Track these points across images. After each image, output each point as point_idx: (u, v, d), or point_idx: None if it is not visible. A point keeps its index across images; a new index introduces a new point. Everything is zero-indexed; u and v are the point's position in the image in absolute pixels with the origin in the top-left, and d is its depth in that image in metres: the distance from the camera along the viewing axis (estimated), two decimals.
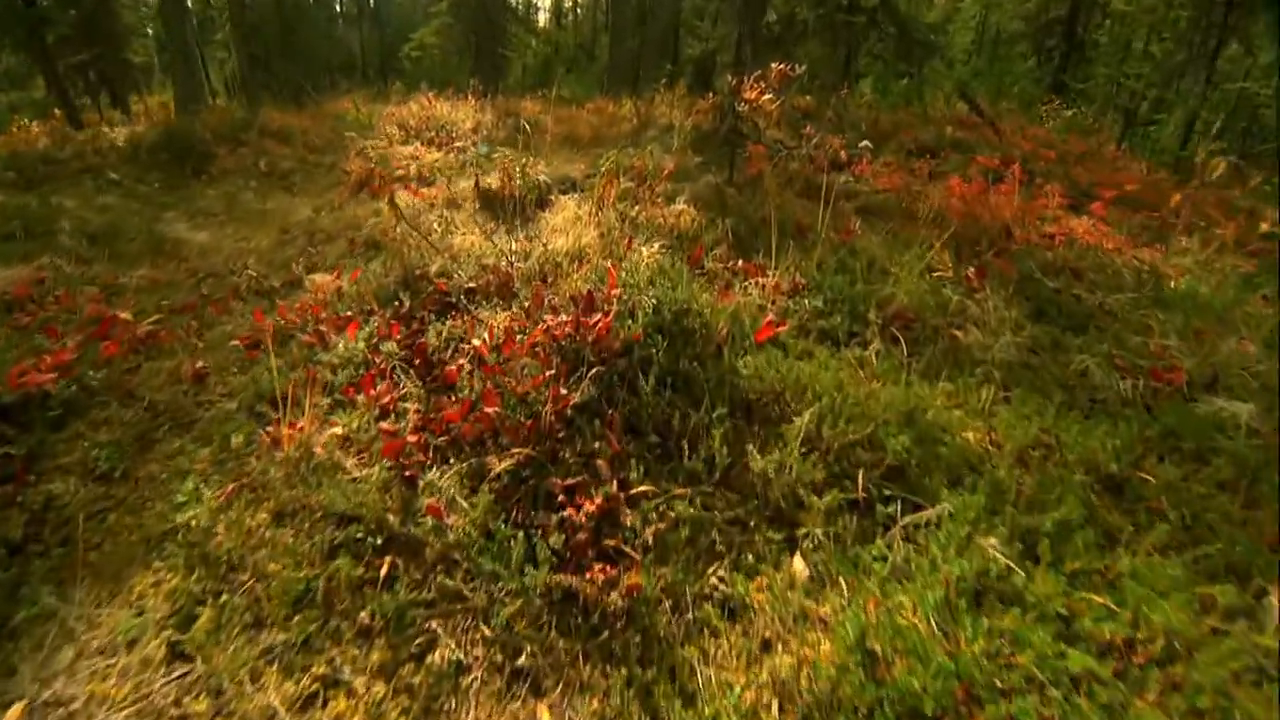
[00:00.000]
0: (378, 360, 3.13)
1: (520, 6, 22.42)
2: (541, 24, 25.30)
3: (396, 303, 3.72)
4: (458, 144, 8.49)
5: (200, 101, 14.56)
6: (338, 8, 24.34)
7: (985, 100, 12.43)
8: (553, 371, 2.60)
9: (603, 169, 5.32)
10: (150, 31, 19.84)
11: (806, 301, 3.86)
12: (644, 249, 3.84)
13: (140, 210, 7.76)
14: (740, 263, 4.50)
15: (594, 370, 2.57)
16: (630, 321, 2.86)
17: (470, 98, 10.17)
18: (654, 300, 2.92)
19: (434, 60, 16.61)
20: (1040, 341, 4.12)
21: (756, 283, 4.14)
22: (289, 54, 15.99)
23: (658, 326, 2.88)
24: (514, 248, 4.32)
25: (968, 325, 4.12)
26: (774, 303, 3.88)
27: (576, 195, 6.26)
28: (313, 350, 3.55)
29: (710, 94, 9.29)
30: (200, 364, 3.92)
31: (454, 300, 3.81)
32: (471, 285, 3.93)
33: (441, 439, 2.50)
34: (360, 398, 2.88)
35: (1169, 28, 14.60)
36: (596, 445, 2.41)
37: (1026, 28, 21.41)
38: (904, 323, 3.88)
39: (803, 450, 2.55)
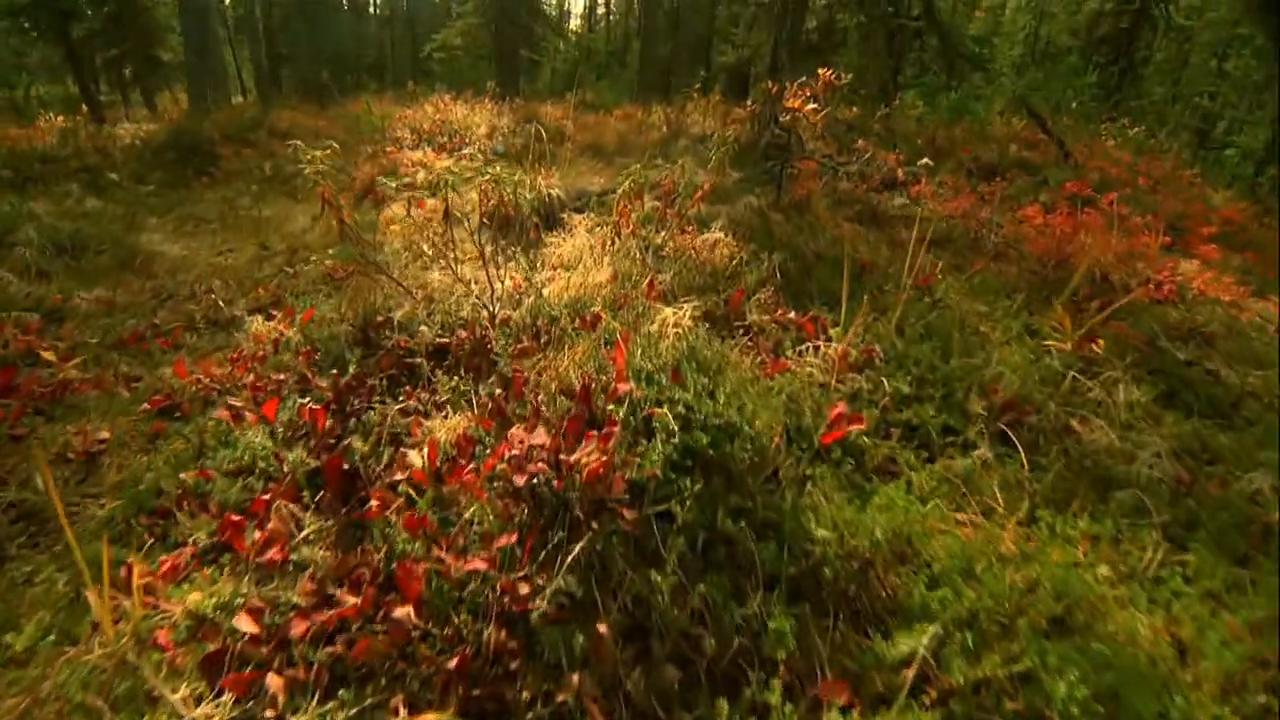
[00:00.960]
0: (284, 469, 2.16)
1: (552, 10, 21.55)
2: (573, 28, 24.38)
3: (336, 371, 2.75)
4: (468, 150, 7.57)
5: (219, 99, 13.88)
6: (372, 9, 23.72)
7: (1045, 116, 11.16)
8: (514, 537, 1.60)
9: (623, 185, 4.32)
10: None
11: (885, 381, 2.81)
12: (670, 312, 2.82)
13: (124, 216, 6.93)
14: (792, 313, 3.46)
15: (579, 545, 1.57)
16: (644, 444, 1.85)
17: (488, 101, 9.23)
18: (682, 410, 1.91)
19: (462, 62, 15.76)
20: (1186, 442, 3.02)
21: (814, 347, 3.10)
22: (315, 54, 15.25)
23: (686, 450, 1.86)
24: (504, 287, 3.34)
25: (1089, 416, 3.03)
26: (841, 381, 2.84)
27: (593, 214, 5.28)
28: (223, 431, 2.61)
29: (748, 102, 8.24)
30: (102, 435, 3.00)
31: (416, 363, 2.84)
32: (443, 341, 2.96)
33: (327, 650, 1.51)
34: (249, 537, 1.91)
35: (1244, 43, 13.15)
36: (574, 682, 1.41)
37: (1077, 41, 19.93)
38: (1015, 416, 2.81)
39: (915, 683, 1.53)
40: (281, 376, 2.86)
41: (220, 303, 4.71)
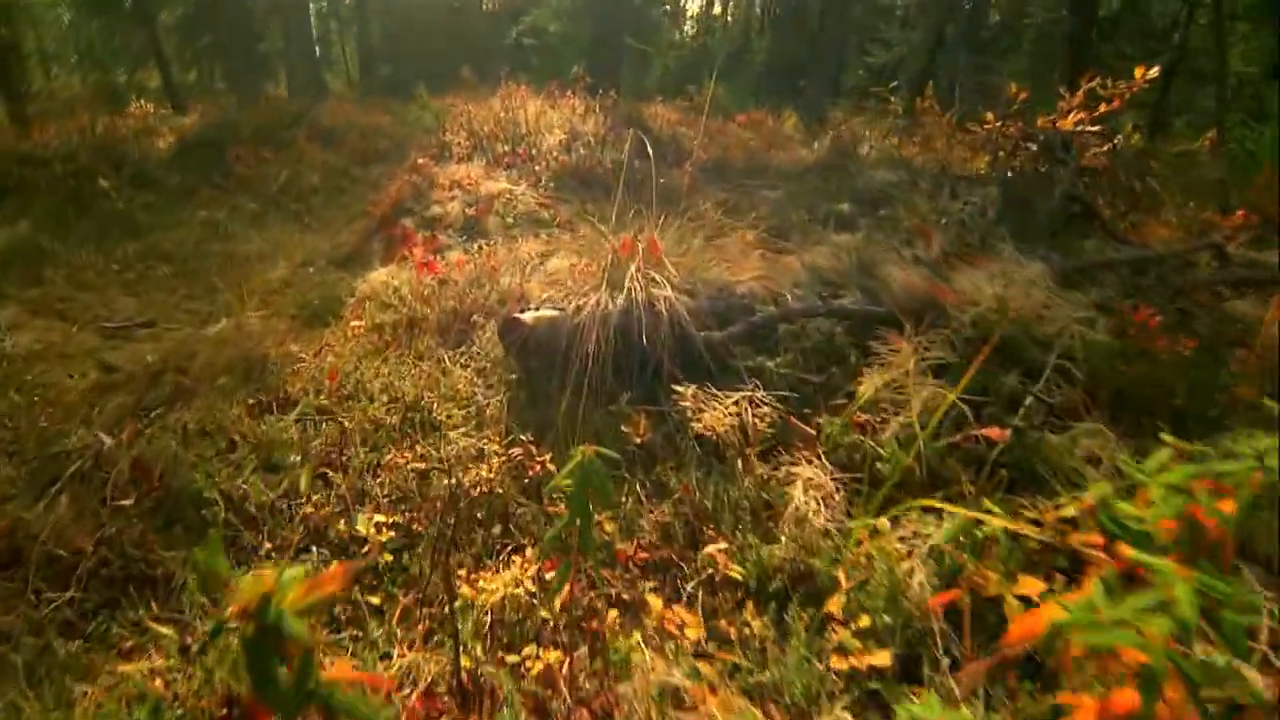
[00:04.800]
0: None
1: (669, 3, 18.15)
2: (690, 20, 20.90)
3: None
4: (503, 185, 4.47)
5: (301, 91, 11.61)
6: (483, 5, 21.13)
7: None
8: None
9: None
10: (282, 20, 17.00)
11: None
12: None
13: (35, 258, 4.28)
14: None
15: None
16: None
17: (573, 95, 6.10)
18: None
19: (561, 54, 12.83)
20: None
21: None
22: (399, 46, 12.72)
23: None
24: None
25: None
26: None
27: (755, 380, 2.03)
28: None
29: (989, 118, 4.58)
30: None
31: None
32: None
33: None
34: None
35: None
36: None
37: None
38: None
39: None
40: None
41: None
